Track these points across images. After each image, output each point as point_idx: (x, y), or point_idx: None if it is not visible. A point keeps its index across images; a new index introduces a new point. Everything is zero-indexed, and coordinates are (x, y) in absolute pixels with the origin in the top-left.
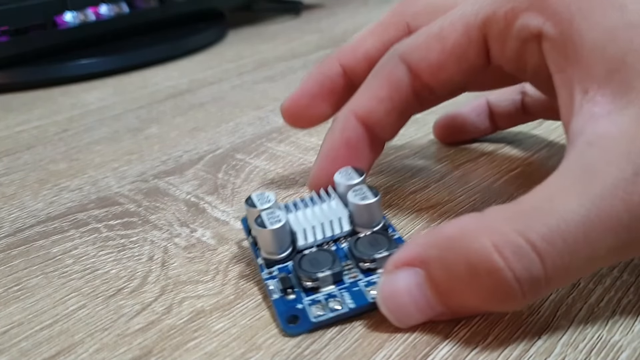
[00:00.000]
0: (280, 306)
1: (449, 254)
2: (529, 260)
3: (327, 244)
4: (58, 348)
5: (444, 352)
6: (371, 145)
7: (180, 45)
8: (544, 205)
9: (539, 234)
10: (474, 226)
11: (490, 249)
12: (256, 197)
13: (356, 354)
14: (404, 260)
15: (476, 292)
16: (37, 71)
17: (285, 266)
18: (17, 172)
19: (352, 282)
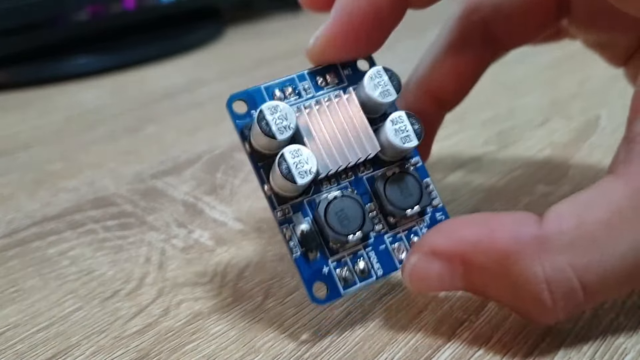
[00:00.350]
0: (305, 269)
1: (497, 269)
2: (577, 300)
3: (346, 173)
4: (54, 350)
5: (446, 354)
6: (398, 14)
7: (177, 43)
8: (603, 236)
9: (595, 274)
10: (532, 249)
11: (542, 286)
12: (269, 112)
13: (357, 358)
14: (445, 252)
15: (509, 301)
16: (33, 70)
17: (300, 203)
18: (13, 173)
19: (377, 236)
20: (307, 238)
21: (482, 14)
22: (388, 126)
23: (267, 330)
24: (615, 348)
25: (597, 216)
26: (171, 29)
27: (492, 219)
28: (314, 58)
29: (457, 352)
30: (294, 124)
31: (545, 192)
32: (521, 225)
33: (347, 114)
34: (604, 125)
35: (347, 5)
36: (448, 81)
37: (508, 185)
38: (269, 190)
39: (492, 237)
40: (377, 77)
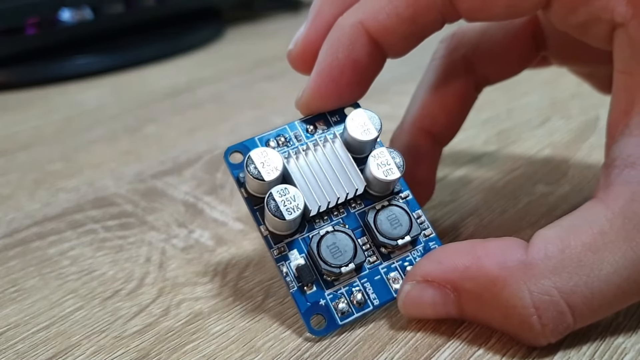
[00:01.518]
0: (302, 303)
1: (486, 295)
2: (566, 322)
3: (338, 209)
4: (54, 350)
5: (446, 354)
6: (377, 65)
7: (178, 43)
8: (588, 260)
9: (582, 297)
10: (518, 275)
11: (530, 310)
12: (258, 158)
13: (357, 357)
14: (436, 279)
15: (501, 328)
16: (33, 70)
17: (295, 240)
18: (14, 173)
19: (372, 267)
20: (303, 272)
21: (463, 52)
22: (370, 161)
23: (267, 330)
24: (614, 348)
25: (580, 240)
26: (172, 29)
27: (480, 246)
28: (302, 110)
29: (456, 352)
30: (280, 166)
31: (545, 192)
32: (507, 252)
33: (334, 155)
34: (603, 125)
35: (326, 59)
36: (438, 116)
37: (508, 185)
38: (264, 230)
39: (479, 265)
40: (358, 118)
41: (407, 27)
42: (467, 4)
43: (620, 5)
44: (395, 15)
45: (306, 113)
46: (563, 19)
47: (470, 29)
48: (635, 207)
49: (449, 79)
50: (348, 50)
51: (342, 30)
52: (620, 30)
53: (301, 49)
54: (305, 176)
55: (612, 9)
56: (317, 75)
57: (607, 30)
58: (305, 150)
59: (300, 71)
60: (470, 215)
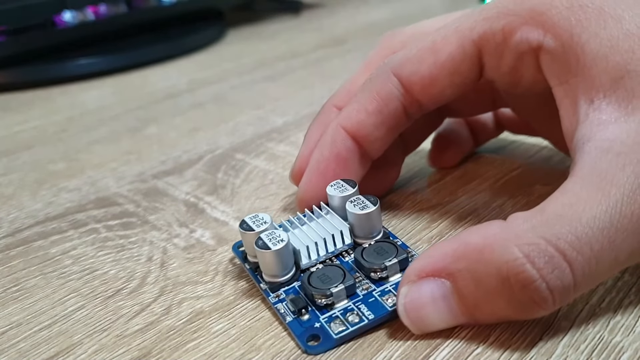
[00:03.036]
0: (297, 328)
1: (478, 266)
2: (561, 269)
3: (330, 260)
4: (57, 349)
5: (444, 353)
6: (360, 160)
7: (179, 44)
8: (566, 212)
9: (568, 242)
10: (501, 236)
11: (522, 260)
12: (250, 220)
13: (356, 355)
14: (429, 271)
15: (508, 303)
16: (35, 71)
17: (291, 287)
18: (16, 173)
19: (365, 293)
20: (296, 300)
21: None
22: (348, 205)
23: (267, 329)
24: (612, 346)
25: (558, 200)
26: (173, 30)
27: (463, 232)
28: (299, 206)
29: (455, 350)
30: (269, 221)
31: (543, 192)
32: (487, 227)
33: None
34: None
35: (314, 157)
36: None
37: (506, 186)
38: (264, 284)
39: (465, 243)
40: (336, 184)
41: (375, 119)
42: (418, 85)
43: (532, 32)
44: (363, 110)
45: (303, 207)
46: (498, 73)
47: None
48: (601, 166)
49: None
50: (331, 146)
51: (325, 134)
52: (541, 54)
53: (298, 166)
54: (297, 233)
55: (526, 38)
56: (308, 171)
57: (533, 61)
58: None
59: None
60: (469, 216)
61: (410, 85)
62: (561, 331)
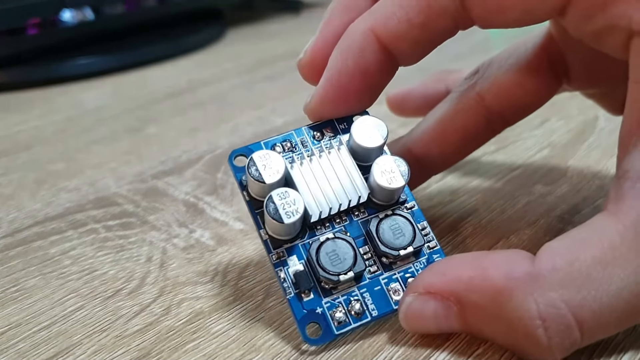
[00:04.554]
0: (298, 309)
1: (490, 307)
2: (572, 337)
3: (340, 217)
4: (56, 349)
5: (444, 354)
6: (388, 73)
7: (179, 44)
8: (598, 274)
9: (590, 311)
10: (525, 286)
11: (537, 322)
12: (260, 160)
13: (356, 356)
14: (438, 290)
15: (506, 342)
16: (35, 70)
17: (295, 247)
18: (15, 173)
19: (372, 278)
20: (300, 279)
21: (477, 89)
22: (374, 169)
23: (267, 329)
24: (613, 347)
25: (590, 253)
26: (173, 30)
27: (485, 257)
28: (309, 116)
29: (455, 352)
30: (282, 169)
31: (544, 192)
32: (514, 263)
33: (338, 162)
34: (602, 125)
35: (335, 66)
36: (432, 147)
37: (507, 186)
38: (264, 234)
39: (484, 275)
40: (364, 125)
41: (418, 33)
42: (480, 8)
43: (638, 13)
44: (406, 21)
45: (314, 119)
46: (579, 26)
47: (491, 67)
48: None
49: (456, 115)
50: (358, 57)
51: (352, 37)
52: (637, 39)
53: (310, 58)
54: (308, 182)
55: (629, 17)
56: (326, 82)
57: (624, 39)
58: (310, 156)
59: (310, 80)
60: (470, 216)
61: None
62: None
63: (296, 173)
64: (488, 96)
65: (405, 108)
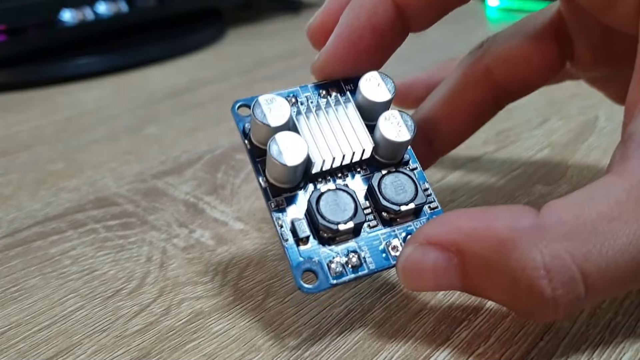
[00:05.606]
0: (294, 257)
1: (493, 257)
2: (577, 291)
3: (341, 171)
4: (56, 349)
5: (445, 354)
6: (398, 36)
7: (178, 44)
8: (603, 228)
9: (596, 265)
10: (529, 236)
11: (541, 272)
12: (265, 103)
13: (356, 356)
14: (440, 241)
15: (509, 298)
16: (35, 70)
17: (295, 196)
18: (15, 172)
19: (371, 232)
20: (298, 226)
21: (485, 62)
22: (381, 122)
23: (267, 329)
24: (613, 347)
25: (596, 208)
26: (172, 30)
27: (489, 210)
28: (316, 73)
29: (456, 351)
30: (287, 114)
31: (544, 192)
32: (518, 216)
33: (344, 115)
34: (602, 125)
35: (347, 22)
36: (441, 124)
37: (507, 186)
38: (264, 182)
39: (488, 226)
40: (372, 80)
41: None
42: None
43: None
44: None
45: (321, 77)
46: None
47: (496, 40)
48: None
49: (465, 89)
50: (370, 13)
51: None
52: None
53: (321, 21)
54: (313, 131)
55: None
56: (335, 38)
57: (634, 7)
58: (316, 109)
59: (319, 45)
60: None
61: None
62: (562, 332)
63: (301, 122)
64: (496, 69)
65: (409, 98)
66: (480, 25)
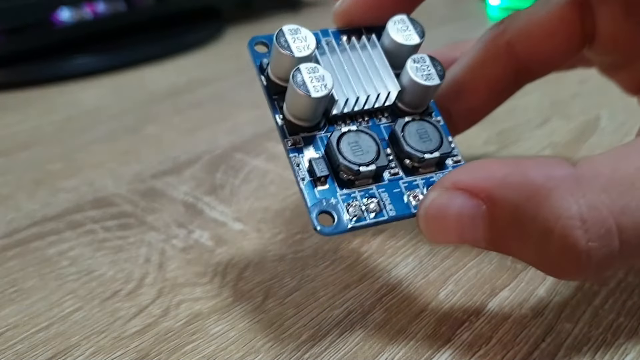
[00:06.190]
0: (312, 196)
1: (526, 204)
2: (612, 246)
3: (362, 116)
4: (54, 351)
5: (446, 355)
6: None
7: (177, 42)
8: None
9: (632, 219)
10: (566, 186)
11: (576, 223)
12: (290, 34)
13: (357, 358)
14: (468, 186)
15: (537, 253)
16: (33, 69)
17: (313, 137)
18: (13, 173)
19: (392, 179)
20: (317, 164)
21: (507, 37)
22: (409, 64)
23: (267, 331)
24: (615, 348)
25: (634, 164)
26: (171, 28)
27: (523, 160)
28: (338, 19)
29: (457, 353)
30: (313, 45)
31: None
32: (554, 166)
33: (369, 58)
34: (604, 125)
35: None
36: (461, 99)
37: None
38: (281, 119)
39: (522, 173)
40: (400, 22)
41: None
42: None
43: None
44: None
45: (343, 23)
46: None
47: (518, 15)
48: None
49: (486, 63)
50: None
51: None
52: None
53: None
54: (336, 70)
55: None
56: None
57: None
58: (341, 49)
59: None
60: None
61: None
62: (564, 333)
63: (325, 61)
64: (518, 45)
65: None
66: (481, 25)
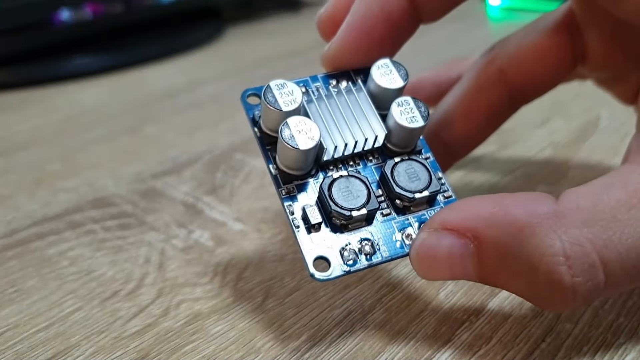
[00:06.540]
0: (306, 244)
1: (511, 243)
2: (597, 279)
3: (353, 160)
4: (54, 351)
5: (446, 355)
6: (410, 24)
7: (177, 42)
8: (623, 216)
9: (615, 253)
10: (548, 222)
11: (560, 259)
12: (277, 89)
13: (357, 358)
14: (455, 226)
15: (526, 288)
16: (32, 70)
17: (306, 183)
18: (13, 173)
19: (384, 220)
20: (310, 213)
21: (498, 64)
22: (394, 108)
23: (267, 331)
24: (615, 348)
25: (615, 196)
26: (171, 28)
27: (507, 196)
28: (327, 64)
29: (457, 353)
30: (299, 99)
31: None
32: (536, 202)
33: (356, 103)
34: (604, 125)
35: (359, 11)
36: (457, 127)
37: (508, 186)
38: (275, 169)
39: (506, 211)
40: (384, 67)
41: None
42: None
43: None
44: None
45: (331, 68)
46: None
47: (508, 41)
48: None
49: (479, 92)
50: (383, 2)
51: None
52: None
53: (332, 10)
54: (324, 117)
55: None
56: (347, 27)
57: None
58: (327, 97)
59: (329, 36)
60: None
61: None
62: (564, 333)
63: (312, 109)
64: (510, 71)
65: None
66: (481, 25)
